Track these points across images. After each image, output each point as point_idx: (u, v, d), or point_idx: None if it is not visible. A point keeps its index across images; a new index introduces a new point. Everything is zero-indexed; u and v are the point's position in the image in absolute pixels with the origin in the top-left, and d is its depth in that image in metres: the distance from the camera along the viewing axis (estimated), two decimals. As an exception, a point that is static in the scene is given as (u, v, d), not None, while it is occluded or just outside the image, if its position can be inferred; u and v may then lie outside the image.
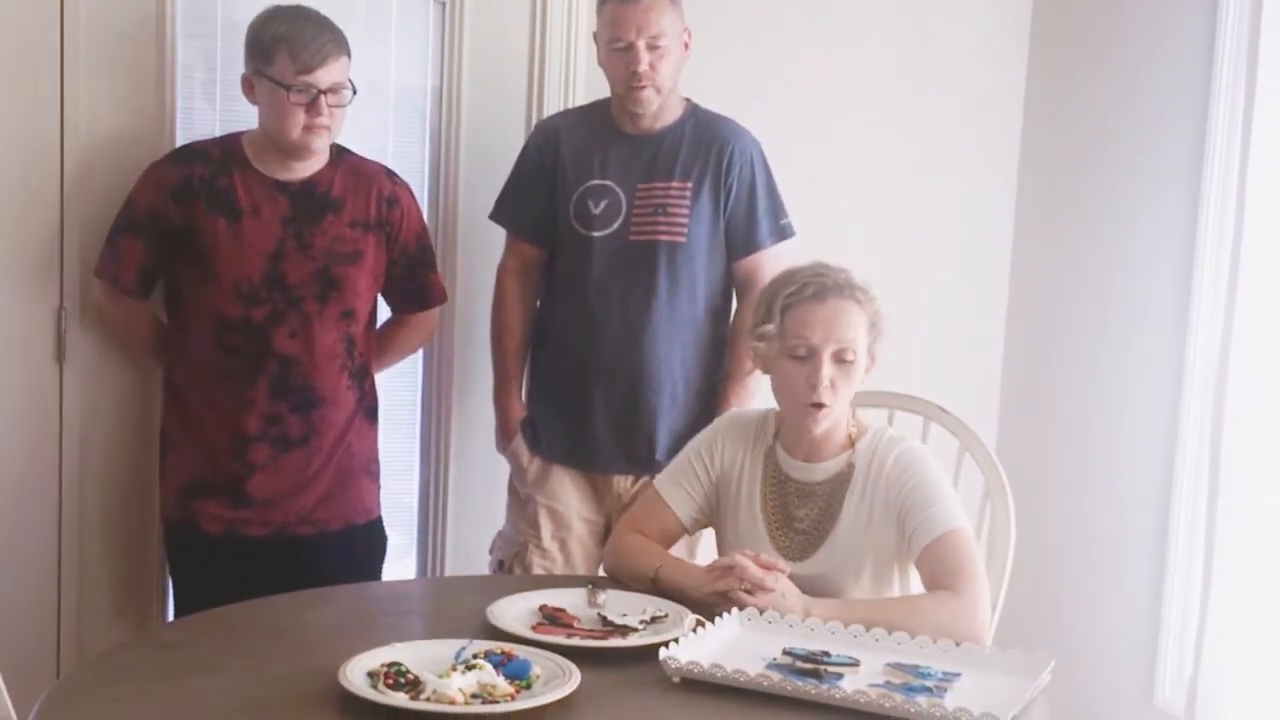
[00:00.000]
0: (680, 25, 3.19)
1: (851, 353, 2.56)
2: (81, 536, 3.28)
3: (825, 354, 2.56)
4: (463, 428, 3.63)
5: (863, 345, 2.58)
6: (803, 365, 2.58)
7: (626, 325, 3.22)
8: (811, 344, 2.57)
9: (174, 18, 3.24)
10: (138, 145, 3.19)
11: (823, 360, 2.56)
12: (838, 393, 2.57)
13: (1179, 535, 3.63)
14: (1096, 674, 3.74)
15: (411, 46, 3.54)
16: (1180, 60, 3.63)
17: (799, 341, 2.58)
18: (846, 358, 2.56)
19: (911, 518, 2.54)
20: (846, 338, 2.56)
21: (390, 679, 2.02)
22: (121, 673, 2.18)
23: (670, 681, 2.16)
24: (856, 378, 2.59)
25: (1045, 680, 2.21)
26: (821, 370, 2.55)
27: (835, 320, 2.57)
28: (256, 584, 2.71)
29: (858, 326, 2.58)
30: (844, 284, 2.59)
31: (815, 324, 2.57)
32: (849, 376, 2.58)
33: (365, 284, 3.16)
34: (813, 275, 2.60)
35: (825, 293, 2.58)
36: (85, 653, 3.25)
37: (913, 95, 4.00)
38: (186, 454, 3.14)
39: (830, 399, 2.56)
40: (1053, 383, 4.06)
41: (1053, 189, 4.07)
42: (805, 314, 2.58)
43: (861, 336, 2.58)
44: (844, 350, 2.56)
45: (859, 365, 2.58)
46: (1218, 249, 3.51)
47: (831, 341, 2.56)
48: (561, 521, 3.31)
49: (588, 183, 3.24)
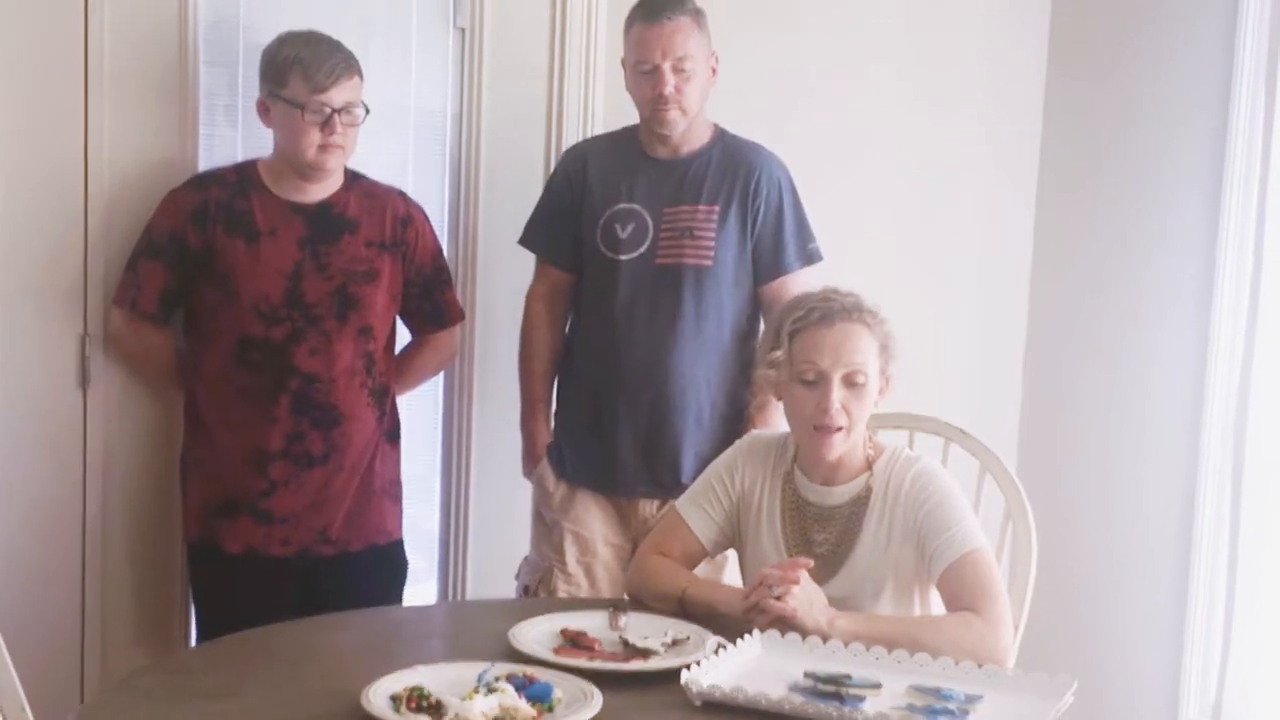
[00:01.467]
0: (707, 49, 3.21)
1: (863, 375, 2.56)
2: (105, 561, 3.29)
3: (835, 378, 2.56)
4: (483, 451, 3.63)
5: (874, 367, 2.58)
6: (812, 390, 2.58)
7: (652, 349, 3.22)
8: (820, 369, 2.57)
9: (196, 45, 3.26)
10: (161, 171, 3.21)
11: (832, 385, 2.56)
12: (850, 416, 2.57)
13: (1202, 556, 3.62)
14: (1120, 696, 3.73)
15: (431, 72, 3.56)
16: (1200, 69, 3.63)
17: (808, 367, 2.58)
18: (857, 380, 2.56)
19: (931, 540, 2.54)
20: (856, 361, 2.56)
21: (413, 702, 2.03)
22: (145, 697, 2.18)
23: (692, 704, 2.15)
24: (869, 400, 2.59)
25: (1068, 702, 2.20)
26: (832, 395, 2.55)
27: (844, 344, 2.56)
28: (278, 606, 2.74)
29: (867, 349, 2.57)
30: (851, 307, 2.59)
31: (824, 349, 2.57)
32: (861, 399, 2.57)
33: (382, 303, 3.19)
34: (819, 300, 2.61)
35: (832, 317, 2.58)
36: (109, 677, 3.25)
37: (930, 115, 4.00)
38: (208, 474, 3.16)
39: (844, 422, 2.56)
40: (1073, 403, 4.05)
41: (1071, 210, 4.06)
42: (813, 339, 2.58)
43: (872, 359, 2.58)
44: (854, 373, 2.56)
45: (870, 388, 2.58)
46: (1238, 269, 3.51)
47: (841, 365, 2.56)
48: (587, 546, 3.31)
49: (615, 206, 3.25)
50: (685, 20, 3.16)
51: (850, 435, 2.59)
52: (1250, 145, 3.46)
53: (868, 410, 2.60)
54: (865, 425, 2.62)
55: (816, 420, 2.57)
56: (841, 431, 2.57)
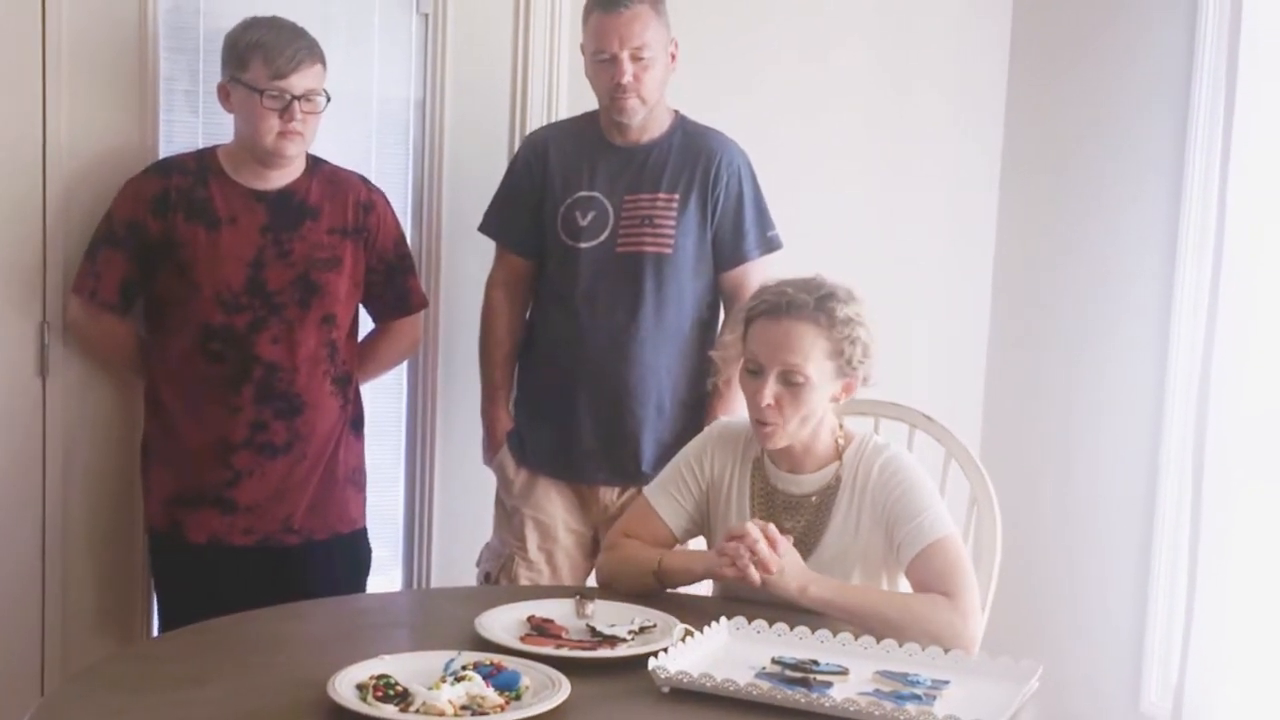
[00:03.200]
0: (666, 37, 3.20)
1: (801, 375, 2.54)
2: (65, 550, 3.27)
3: (771, 373, 2.55)
4: (447, 439, 3.62)
5: (818, 368, 2.54)
6: (753, 380, 2.58)
7: (613, 337, 3.22)
8: (759, 361, 2.57)
9: (156, 31, 3.24)
10: (121, 158, 3.19)
11: (768, 379, 2.55)
12: (784, 413, 2.55)
13: (1163, 540, 3.64)
14: (1083, 680, 3.75)
15: (394, 58, 3.54)
16: (1161, 57, 3.64)
17: (750, 357, 2.59)
18: (794, 380, 2.54)
19: (899, 527, 2.54)
20: (791, 361, 2.54)
21: (379, 691, 2.02)
22: (108, 686, 2.17)
23: (659, 691, 2.15)
24: (810, 400, 2.55)
25: (1034, 687, 2.21)
26: (765, 389, 2.54)
27: (783, 342, 2.55)
28: (242, 595, 2.72)
29: (809, 350, 2.54)
30: (803, 304, 2.55)
31: (765, 342, 2.57)
32: (798, 398, 2.55)
33: (345, 290, 3.17)
34: (776, 293, 2.59)
35: (780, 312, 2.56)
36: (70, 667, 3.23)
37: (894, 94, 4.00)
38: (170, 464, 3.15)
39: (775, 418, 2.55)
40: (1036, 389, 4.06)
41: (1035, 197, 4.07)
42: (759, 331, 2.58)
43: (815, 360, 2.54)
44: (790, 372, 2.54)
45: (811, 388, 2.54)
46: (1199, 250, 3.52)
47: (777, 362, 2.55)
48: (548, 533, 3.31)
49: (575, 194, 3.24)
50: (643, 8, 3.14)
51: (788, 430, 2.57)
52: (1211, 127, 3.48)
53: (808, 409, 2.56)
54: (809, 422, 2.58)
55: (753, 412, 2.58)
56: (773, 425, 2.56)
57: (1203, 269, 3.49)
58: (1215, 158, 3.41)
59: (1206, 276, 3.45)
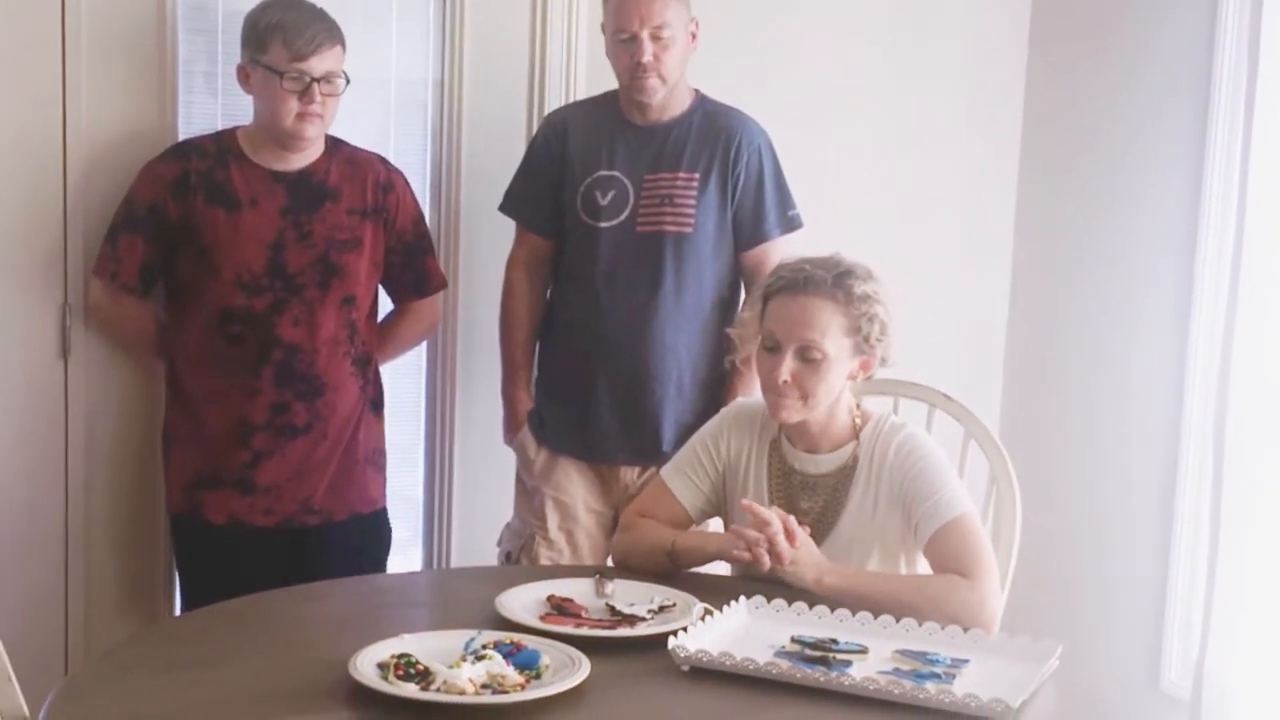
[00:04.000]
0: (686, 16, 3.19)
1: (818, 351, 2.54)
2: (88, 531, 3.29)
3: (788, 350, 2.55)
4: (467, 420, 3.63)
5: (835, 344, 2.55)
6: (770, 357, 2.58)
7: (633, 316, 3.21)
8: (776, 338, 2.57)
9: (175, 11, 3.24)
10: (140, 140, 3.19)
11: (785, 355, 2.55)
12: (802, 389, 2.55)
13: (1184, 519, 3.63)
14: (1102, 659, 3.74)
15: (412, 40, 3.53)
16: (1181, 50, 3.63)
17: (767, 334, 2.59)
18: (811, 356, 2.55)
19: (917, 506, 2.54)
20: (809, 337, 2.54)
21: (400, 670, 2.03)
22: (131, 667, 2.18)
23: (679, 670, 2.16)
24: (828, 376, 2.56)
25: (1053, 666, 2.21)
26: (782, 365, 2.55)
27: (801, 317, 2.55)
28: (262, 576, 2.73)
29: (827, 325, 2.55)
30: (820, 280, 2.55)
31: (783, 318, 2.57)
32: (816, 374, 2.55)
33: (365, 271, 3.18)
34: (794, 270, 2.59)
35: (797, 288, 2.56)
36: (94, 647, 3.26)
37: (912, 87, 3.99)
38: (191, 446, 3.15)
39: (791, 394, 2.56)
40: (1056, 369, 4.05)
41: (1054, 175, 4.06)
42: (777, 307, 2.58)
43: (833, 336, 2.55)
44: (807, 348, 2.54)
45: (829, 364, 2.55)
46: (1220, 235, 3.51)
47: (794, 339, 2.55)
48: (568, 513, 3.31)
49: (595, 174, 3.24)
50: None
51: (806, 405, 2.57)
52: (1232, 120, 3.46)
53: (825, 385, 2.56)
54: (827, 399, 2.59)
55: (768, 386, 2.58)
56: (790, 399, 2.56)
57: (1224, 251, 3.48)
58: (1236, 148, 3.40)
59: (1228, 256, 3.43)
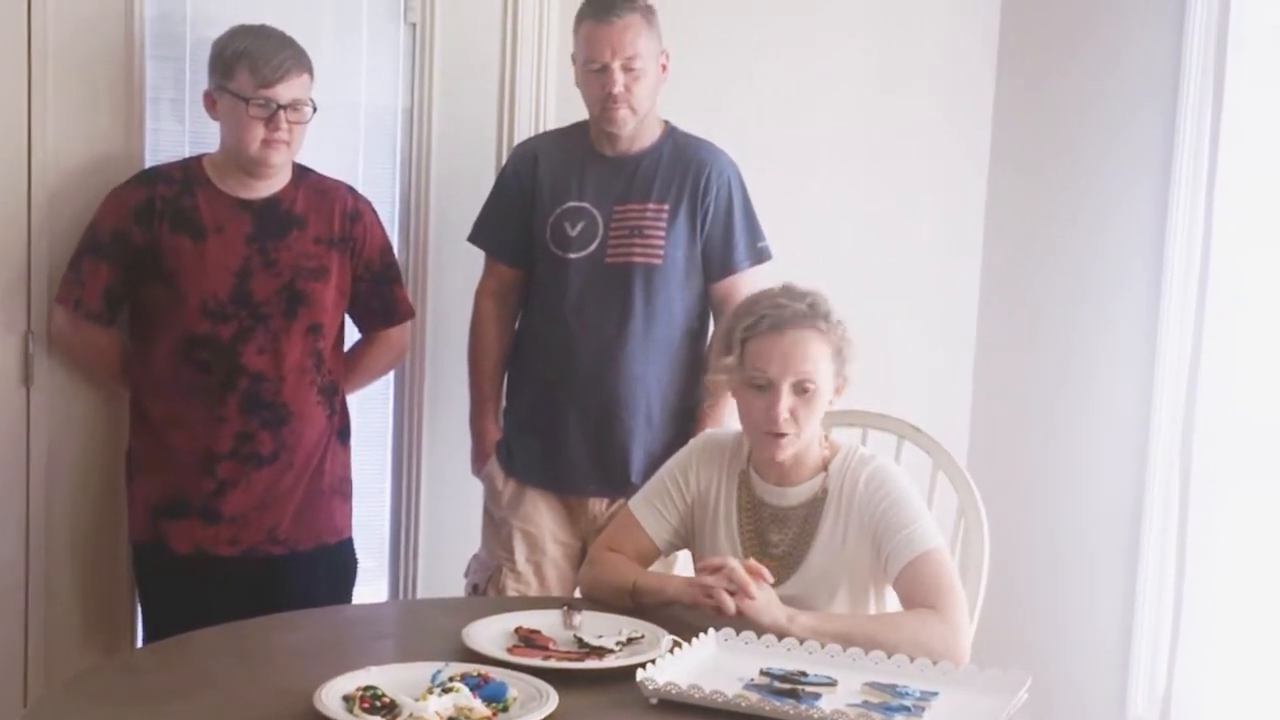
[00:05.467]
0: (657, 47, 3.19)
1: (812, 383, 2.56)
2: (49, 560, 3.25)
3: (784, 386, 2.55)
4: (434, 450, 3.61)
5: (824, 374, 2.57)
6: (762, 395, 2.57)
7: (602, 347, 3.21)
8: (769, 376, 2.56)
9: (142, 39, 3.22)
10: (107, 167, 3.17)
11: (781, 392, 2.55)
12: (799, 422, 2.57)
13: (1150, 550, 3.64)
14: (1070, 690, 3.75)
15: (382, 67, 3.53)
16: (1150, 57, 3.64)
17: (758, 374, 2.58)
18: (806, 388, 2.56)
19: (887, 540, 2.54)
20: (804, 370, 2.55)
21: (366, 702, 2.01)
22: (92, 698, 2.16)
23: (648, 703, 2.15)
24: (819, 406, 2.58)
25: (1023, 699, 2.21)
26: (780, 403, 2.55)
27: (793, 353, 2.56)
28: (226, 606, 2.71)
29: (818, 357, 2.57)
30: (802, 314, 2.57)
31: (773, 357, 2.56)
32: (810, 406, 2.57)
33: (331, 299, 3.16)
34: (771, 307, 2.59)
35: (783, 324, 2.57)
36: (54, 678, 3.21)
37: (881, 94, 4.00)
38: (155, 474, 3.13)
39: (791, 429, 2.56)
40: (1024, 399, 4.06)
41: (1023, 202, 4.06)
42: (763, 346, 2.58)
43: (823, 365, 2.57)
44: (803, 381, 2.56)
45: (820, 394, 2.57)
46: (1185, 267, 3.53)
47: (789, 374, 2.55)
48: (536, 544, 3.29)
49: (565, 204, 3.23)
50: (635, 18, 3.14)
51: (800, 438, 2.59)
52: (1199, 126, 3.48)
53: (818, 415, 2.59)
54: (815, 429, 2.61)
55: (765, 426, 2.57)
56: (790, 435, 2.57)
57: (1190, 273, 3.49)
58: (1203, 159, 3.42)
59: (1194, 281, 3.45)
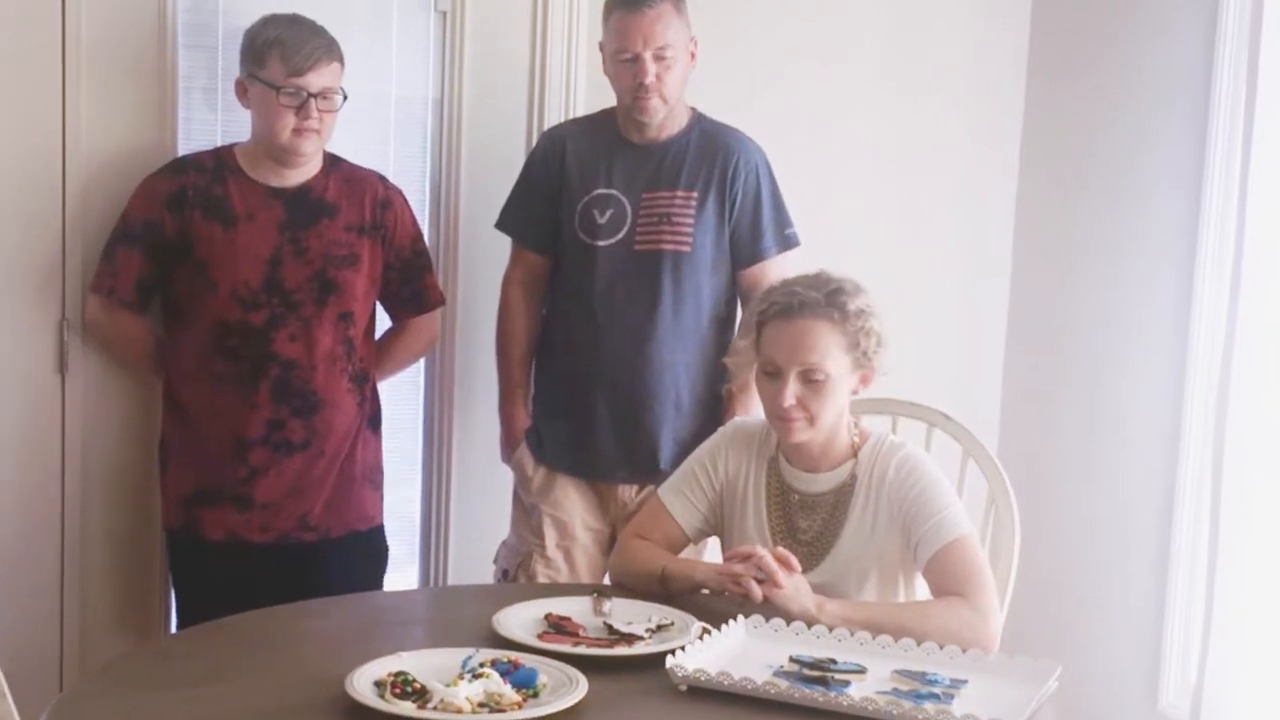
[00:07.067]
0: (687, 35, 3.19)
1: (820, 373, 2.54)
2: (84, 547, 3.28)
3: (790, 374, 2.55)
4: (465, 437, 3.62)
5: (836, 363, 2.55)
6: (772, 381, 2.58)
7: (630, 334, 3.21)
8: (776, 363, 2.57)
9: (175, 28, 3.25)
10: (140, 156, 3.20)
11: (788, 380, 2.55)
12: (809, 410, 2.56)
13: (1182, 540, 3.62)
14: (1101, 680, 3.74)
15: (412, 57, 3.54)
16: (1181, 61, 3.62)
17: (766, 360, 2.58)
18: (814, 378, 2.54)
19: (916, 527, 2.54)
20: (810, 360, 2.54)
21: (397, 688, 2.02)
22: (126, 684, 2.17)
23: (677, 689, 2.15)
24: (830, 395, 2.56)
25: (1052, 687, 2.21)
26: (785, 390, 2.54)
27: (800, 341, 2.55)
28: (258, 593, 2.72)
29: (826, 347, 2.55)
30: (815, 303, 2.55)
31: (781, 344, 2.56)
32: (820, 395, 2.55)
33: (362, 287, 3.18)
34: (785, 294, 2.59)
35: (793, 312, 2.56)
36: (89, 664, 3.24)
37: (911, 99, 3.98)
38: (188, 461, 3.15)
39: (800, 415, 2.56)
40: (1055, 388, 4.05)
41: (1053, 195, 4.06)
42: (774, 333, 2.58)
43: (833, 356, 2.55)
44: (809, 371, 2.54)
45: (830, 384, 2.55)
46: (1219, 252, 3.50)
47: (795, 363, 2.55)
48: (566, 530, 3.30)
49: (593, 192, 3.24)
50: (666, 7, 3.14)
51: (814, 425, 2.57)
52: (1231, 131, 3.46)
53: (830, 404, 2.57)
54: (834, 416, 2.59)
55: (775, 411, 2.58)
56: (800, 421, 2.56)
57: (1223, 268, 3.47)
58: (1235, 160, 3.39)
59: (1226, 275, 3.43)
